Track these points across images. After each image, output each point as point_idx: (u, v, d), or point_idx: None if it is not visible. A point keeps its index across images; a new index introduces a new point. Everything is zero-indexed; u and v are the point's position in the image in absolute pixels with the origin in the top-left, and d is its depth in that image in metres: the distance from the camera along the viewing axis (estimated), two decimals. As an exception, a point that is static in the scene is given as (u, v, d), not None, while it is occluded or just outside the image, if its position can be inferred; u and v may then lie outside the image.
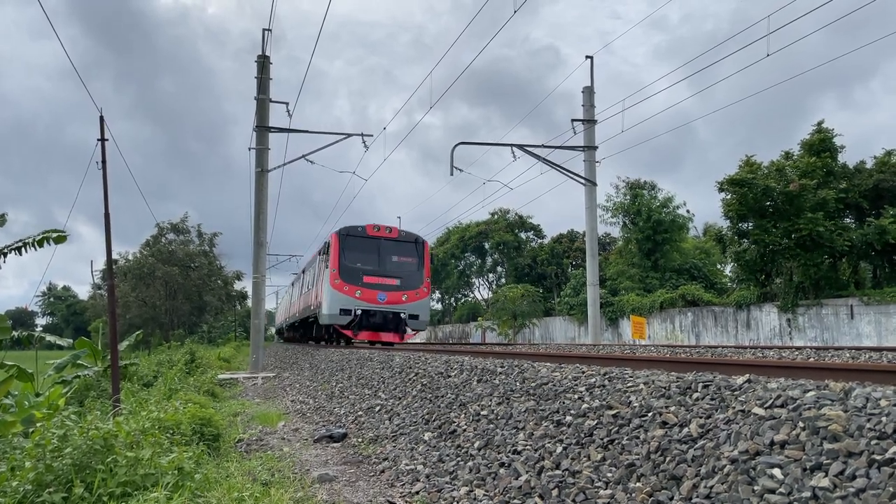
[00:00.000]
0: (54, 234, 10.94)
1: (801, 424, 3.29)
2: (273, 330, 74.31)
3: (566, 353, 9.67)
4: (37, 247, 10.94)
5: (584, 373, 5.87)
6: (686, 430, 3.94)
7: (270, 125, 22.52)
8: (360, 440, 7.64)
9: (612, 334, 38.34)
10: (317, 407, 11.14)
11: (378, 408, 8.81)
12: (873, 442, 2.90)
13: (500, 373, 7.23)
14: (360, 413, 9.06)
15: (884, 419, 2.99)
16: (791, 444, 3.21)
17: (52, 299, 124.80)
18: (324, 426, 8.95)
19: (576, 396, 5.37)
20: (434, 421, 6.95)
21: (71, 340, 18.51)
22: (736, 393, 4.05)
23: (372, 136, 24.09)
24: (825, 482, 2.85)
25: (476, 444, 5.65)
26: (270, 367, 23.74)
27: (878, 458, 2.80)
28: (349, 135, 23.96)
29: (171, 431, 6.33)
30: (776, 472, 3.11)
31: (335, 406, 10.48)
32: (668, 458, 3.81)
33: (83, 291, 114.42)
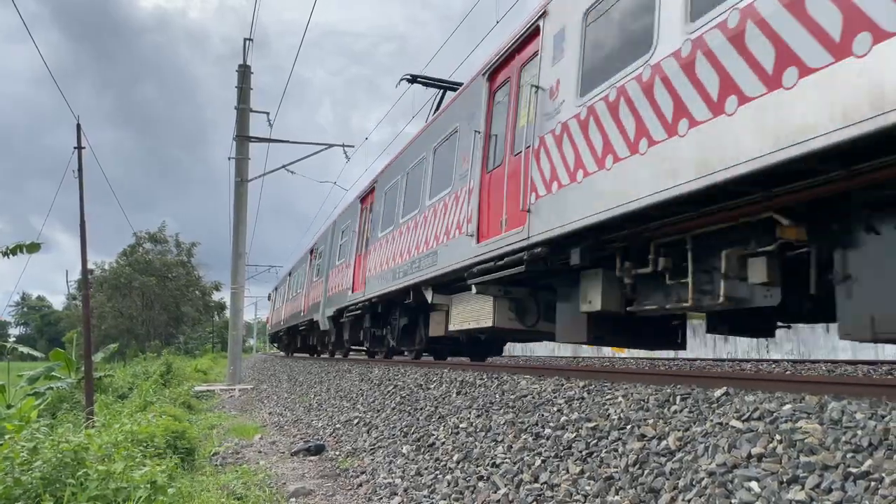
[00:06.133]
0: (27, 244, 10.76)
1: (777, 437, 3.31)
2: (252, 341, 73.40)
3: (546, 365, 9.68)
4: (10, 255, 10.74)
5: (563, 385, 5.86)
6: (664, 442, 3.94)
7: (251, 135, 22.40)
8: (337, 453, 7.56)
9: (592, 347, 38.39)
10: (295, 419, 11.02)
11: (356, 420, 8.73)
12: (849, 455, 2.92)
13: (480, 385, 7.20)
14: (338, 426, 8.97)
15: (859, 432, 3.01)
16: (768, 457, 3.22)
17: (26, 309, 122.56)
18: (301, 439, 8.85)
19: (555, 409, 5.35)
20: (413, 434, 6.90)
21: (45, 352, 18.21)
22: (714, 406, 4.06)
23: (353, 146, 24.03)
24: (802, 495, 2.86)
25: (455, 457, 5.61)
26: (248, 379, 23.47)
27: (853, 471, 2.81)
28: (330, 145, 23.90)
29: (145, 444, 6.22)
30: (753, 485, 3.11)
31: (313, 419, 10.37)
32: (646, 471, 3.80)
33: (58, 302, 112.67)
